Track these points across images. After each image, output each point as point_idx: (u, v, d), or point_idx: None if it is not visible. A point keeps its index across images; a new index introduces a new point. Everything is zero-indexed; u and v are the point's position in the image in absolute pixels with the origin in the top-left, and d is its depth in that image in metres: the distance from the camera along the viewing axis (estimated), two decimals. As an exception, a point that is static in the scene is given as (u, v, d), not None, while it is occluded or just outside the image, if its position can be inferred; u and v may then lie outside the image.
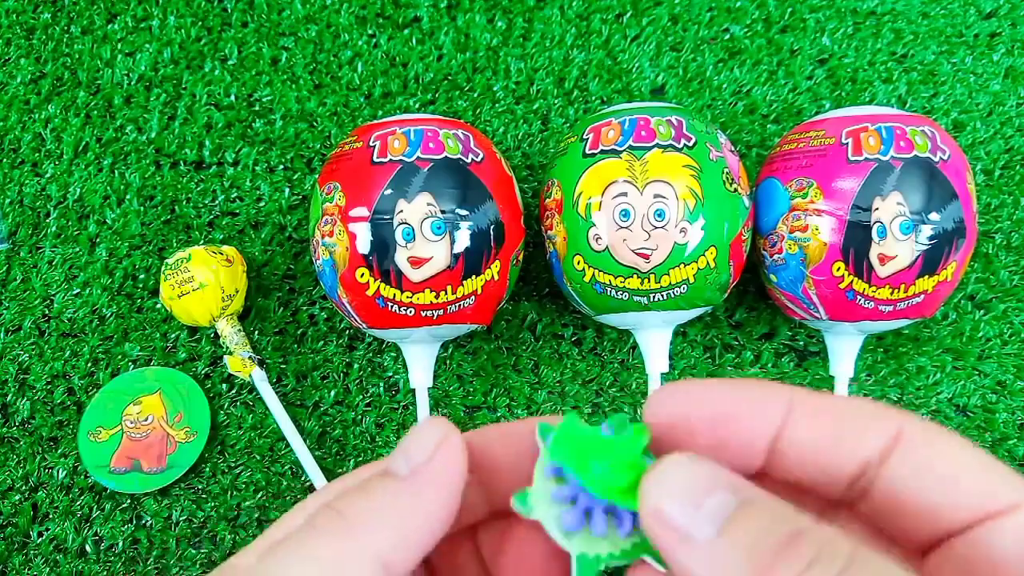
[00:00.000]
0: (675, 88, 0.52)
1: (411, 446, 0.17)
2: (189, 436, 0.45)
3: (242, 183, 0.50)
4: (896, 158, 0.38)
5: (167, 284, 0.44)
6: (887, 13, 0.53)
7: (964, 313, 0.47)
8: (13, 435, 0.46)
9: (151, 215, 0.50)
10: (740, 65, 0.52)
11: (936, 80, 0.52)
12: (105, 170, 0.51)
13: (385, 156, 0.39)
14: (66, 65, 0.53)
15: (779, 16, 0.53)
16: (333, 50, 0.53)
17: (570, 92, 0.52)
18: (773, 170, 0.42)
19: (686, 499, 0.15)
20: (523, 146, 0.51)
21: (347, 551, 0.16)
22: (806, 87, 0.52)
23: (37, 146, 0.51)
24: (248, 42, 0.53)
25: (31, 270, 0.49)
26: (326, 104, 0.52)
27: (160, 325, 0.48)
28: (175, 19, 0.53)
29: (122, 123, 0.52)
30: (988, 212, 0.49)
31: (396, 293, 0.39)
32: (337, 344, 0.47)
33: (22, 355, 0.47)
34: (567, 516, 0.17)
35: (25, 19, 0.54)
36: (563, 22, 0.53)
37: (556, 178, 0.41)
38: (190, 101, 0.52)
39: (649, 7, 0.53)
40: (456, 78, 0.52)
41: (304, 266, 0.49)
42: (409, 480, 0.17)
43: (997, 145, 0.50)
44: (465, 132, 0.41)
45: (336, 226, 0.39)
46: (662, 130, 0.39)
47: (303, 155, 0.51)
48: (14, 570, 0.43)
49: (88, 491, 0.45)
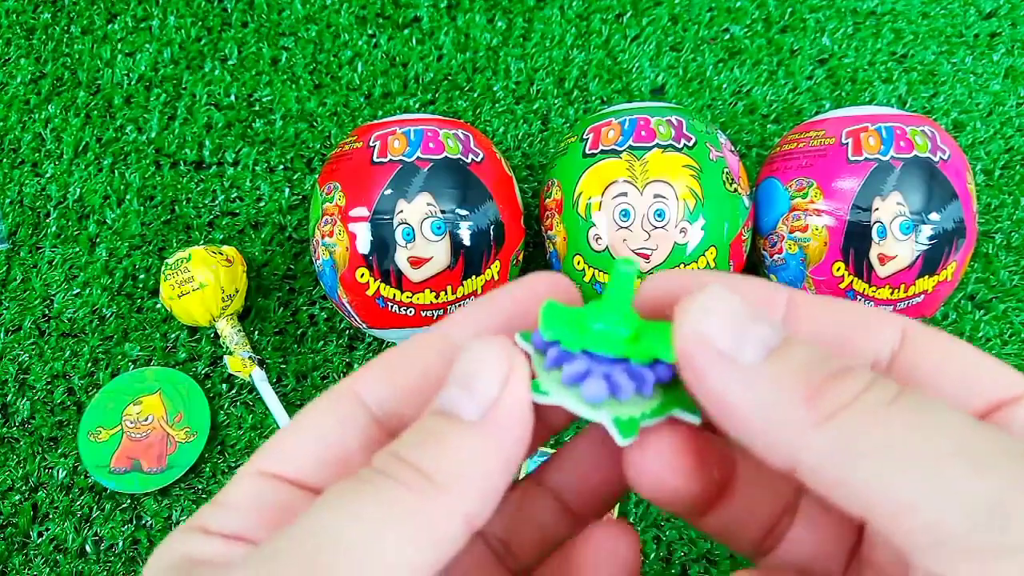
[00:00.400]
0: (675, 88, 0.52)
1: (476, 382, 0.15)
2: (189, 436, 0.45)
3: (242, 183, 0.50)
4: (896, 158, 0.38)
5: (167, 284, 0.44)
6: (887, 13, 0.53)
7: (964, 313, 0.47)
8: (13, 435, 0.46)
9: (151, 215, 0.50)
10: (740, 65, 0.52)
11: (936, 80, 0.52)
12: (105, 170, 0.51)
13: (385, 156, 0.39)
14: (66, 65, 0.53)
15: (779, 16, 0.53)
16: (333, 50, 0.53)
17: (570, 92, 0.52)
18: (773, 170, 0.42)
19: (731, 323, 0.14)
20: (523, 146, 0.51)
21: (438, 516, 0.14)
22: (806, 87, 0.52)
23: (37, 146, 0.51)
24: (248, 42, 0.53)
25: (31, 270, 0.49)
26: (326, 104, 0.52)
27: (160, 325, 0.48)
28: (175, 19, 0.53)
29: (122, 123, 0.52)
30: (988, 212, 0.49)
31: (396, 293, 0.39)
32: (337, 344, 0.47)
33: (22, 355, 0.47)
34: (589, 386, 0.15)
35: (25, 19, 0.54)
36: (563, 22, 0.53)
37: (556, 178, 0.41)
38: (190, 101, 0.52)
39: (649, 7, 0.53)
40: (456, 78, 0.52)
41: (304, 266, 0.49)
42: (485, 428, 0.15)
43: (997, 145, 0.50)
44: (465, 132, 0.41)
45: (336, 226, 0.39)
46: (662, 130, 0.39)
47: (303, 155, 0.51)
48: (14, 570, 0.43)
49: (88, 491, 0.45)
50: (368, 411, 0.16)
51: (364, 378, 0.17)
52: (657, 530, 0.44)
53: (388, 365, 0.17)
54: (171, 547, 0.15)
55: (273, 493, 0.16)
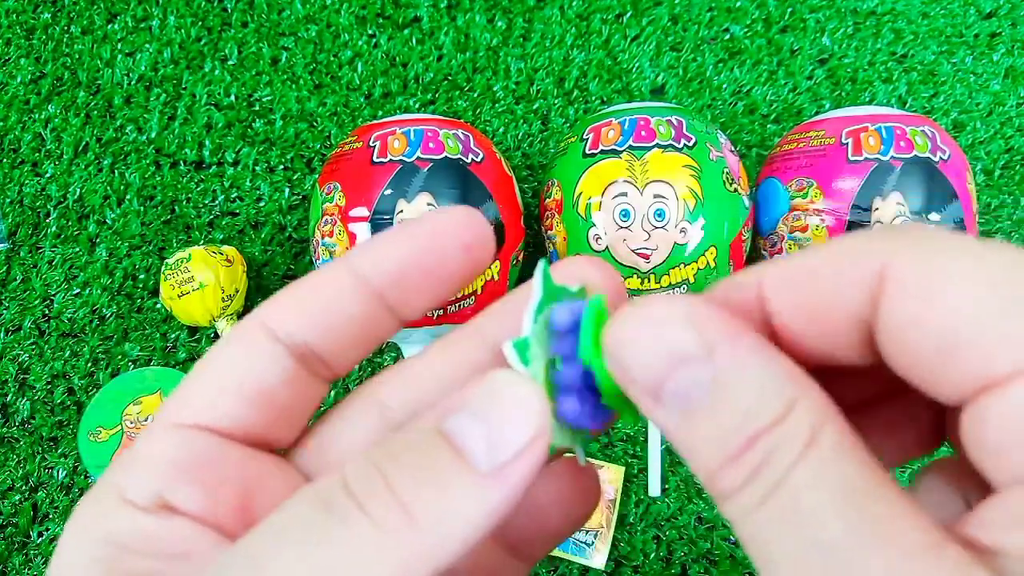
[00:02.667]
0: (675, 88, 0.52)
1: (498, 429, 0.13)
2: (189, 436, 0.45)
3: (242, 183, 0.50)
4: (896, 158, 0.38)
5: (167, 284, 0.44)
6: (887, 13, 0.53)
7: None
8: (13, 435, 0.46)
9: (151, 215, 0.50)
10: (740, 65, 0.52)
11: (936, 80, 0.52)
12: (105, 170, 0.51)
13: (385, 156, 0.39)
14: (66, 65, 0.53)
15: (779, 16, 0.53)
16: (333, 50, 0.53)
17: (570, 92, 0.52)
18: (773, 170, 0.42)
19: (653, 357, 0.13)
20: (523, 146, 0.51)
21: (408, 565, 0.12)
22: (806, 87, 0.52)
23: (37, 146, 0.51)
24: (248, 42, 0.53)
25: (31, 270, 0.49)
26: (326, 104, 0.52)
27: (160, 325, 0.48)
28: (175, 19, 0.53)
29: (122, 123, 0.52)
30: (988, 212, 0.49)
31: (396, 293, 0.39)
32: (337, 344, 0.47)
33: (22, 355, 0.47)
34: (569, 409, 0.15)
35: (25, 19, 0.54)
36: (563, 22, 0.53)
37: (556, 178, 0.41)
38: (190, 101, 0.52)
39: (649, 7, 0.53)
40: (456, 78, 0.52)
41: (304, 266, 0.49)
42: (492, 484, 0.13)
43: (997, 145, 0.50)
44: (465, 132, 0.41)
45: (336, 226, 0.39)
46: (662, 130, 0.39)
47: (303, 155, 0.51)
48: (14, 570, 0.43)
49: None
50: (281, 343, 0.15)
51: (271, 310, 0.15)
52: (657, 530, 0.44)
53: (294, 297, 0.16)
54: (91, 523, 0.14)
55: (195, 445, 0.14)
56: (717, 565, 0.43)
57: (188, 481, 0.14)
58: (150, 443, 0.14)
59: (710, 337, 0.13)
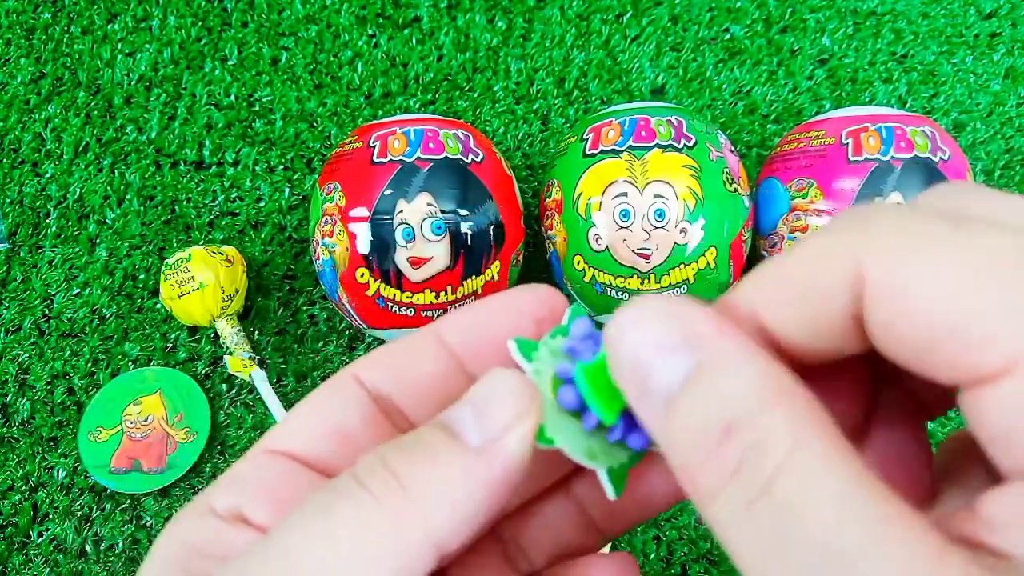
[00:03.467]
0: (675, 88, 0.52)
1: (488, 410, 0.15)
2: (189, 436, 0.45)
3: (242, 183, 0.50)
4: (896, 158, 0.38)
5: (167, 284, 0.44)
6: (887, 13, 0.53)
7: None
8: (13, 435, 0.46)
9: (151, 215, 0.50)
10: (740, 65, 0.52)
11: (936, 80, 0.52)
12: (105, 170, 0.51)
13: (385, 156, 0.39)
14: (66, 65, 0.53)
15: (779, 16, 0.53)
16: (333, 50, 0.53)
17: (570, 92, 0.52)
18: (773, 170, 0.42)
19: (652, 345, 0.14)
20: (523, 146, 0.51)
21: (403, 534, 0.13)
22: (806, 87, 0.52)
23: (37, 146, 0.51)
24: (248, 42, 0.53)
25: (31, 270, 0.49)
26: (326, 104, 0.52)
27: (160, 325, 0.48)
28: (175, 19, 0.53)
29: (122, 123, 0.52)
30: (988, 212, 0.49)
31: (396, 293, 0.39)
32: (337, 344, 0.47)
33: (22, 355, 0.47)
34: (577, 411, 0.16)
35: (25, 19, 0.54)
36: (563, 22, 0.53)
37: (556, 178, 0.41)
38: (190, 101, 0.52)
39: (649, 7, 0.53)
40: (456, 78, 0.52)
41: (304, 266, 0.49)
42: (479, 457, 0.14)
43: (997, 145, 0.50)
44: (465, 132, 0.41)
45: (336, 226, 0.39)
46: (662, 130, 0.39)
47: (303, 155, 0.51)
48: (14, 570, 0.43)
49: (88, 491, 0.45)
50: (366, 392, 0.17)
51: (364, 364, 0.17)
52: (657, 530, 0.44)
53: (384, 356, 0.17)
54: (178, 527, 0.15)
55: (278, 469, 0.16)
56: (717, 565, 0.43)
57: (264, 497, 0.16)
58: (243, 463, 0.16)
59: (697, 329, 0.13)
